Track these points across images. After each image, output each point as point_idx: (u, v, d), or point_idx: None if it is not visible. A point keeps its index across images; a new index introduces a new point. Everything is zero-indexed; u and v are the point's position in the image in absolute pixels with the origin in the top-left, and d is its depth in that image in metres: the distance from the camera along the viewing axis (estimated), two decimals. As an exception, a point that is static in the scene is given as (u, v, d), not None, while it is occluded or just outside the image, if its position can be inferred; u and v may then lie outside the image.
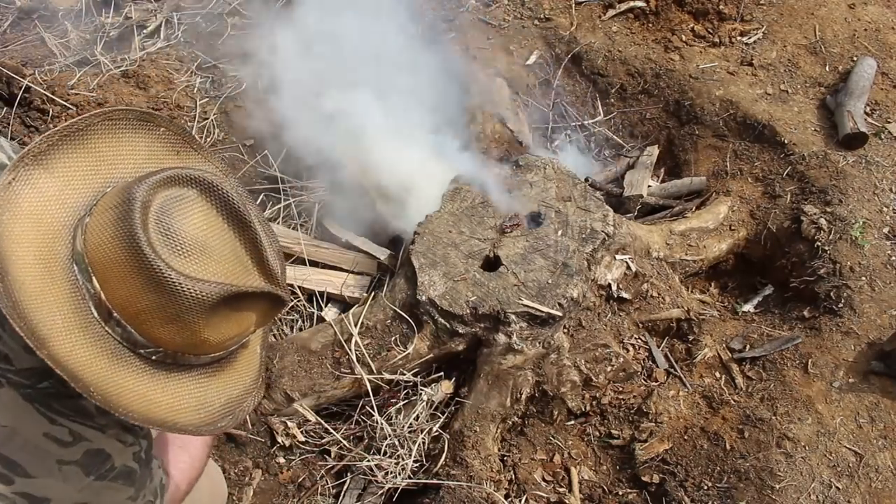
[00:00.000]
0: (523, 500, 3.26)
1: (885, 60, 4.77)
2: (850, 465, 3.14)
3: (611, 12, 5.27)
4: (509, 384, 3.42)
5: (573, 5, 5.34)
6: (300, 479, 3.44)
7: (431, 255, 3.53)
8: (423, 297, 3.40)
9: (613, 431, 3.47)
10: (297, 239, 4.25)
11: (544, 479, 3.36)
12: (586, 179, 4.08)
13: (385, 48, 4.09)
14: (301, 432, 3.47)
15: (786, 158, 4.27)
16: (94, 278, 1.48)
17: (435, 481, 3.25)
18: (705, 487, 3.15)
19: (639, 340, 3.73)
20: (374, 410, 3.43)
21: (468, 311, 3.35)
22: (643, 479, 3.27)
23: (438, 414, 3.54)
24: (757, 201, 4.20)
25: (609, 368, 3.52)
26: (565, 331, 3.46)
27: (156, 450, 1.93)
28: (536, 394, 3.47)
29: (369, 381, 3.43)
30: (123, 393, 1.47)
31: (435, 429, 3.44)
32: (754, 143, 4.43)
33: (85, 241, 1.49)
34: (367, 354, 3.44)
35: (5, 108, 4.30)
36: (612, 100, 5.01)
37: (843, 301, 3.64)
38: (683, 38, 5.07)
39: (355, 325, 3.49)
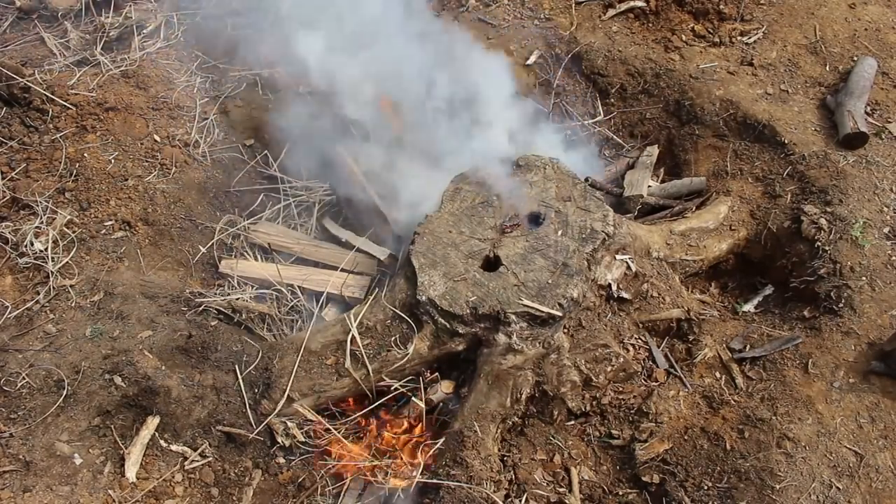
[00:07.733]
0: (523, 500, 3.26)
1: (885, 60, 4.76)
2: (851, 465, 3.14)
3: (611, 12, 5.27)
4: (509, 384, 3.42)
5: (573, 5, 5.34)
6: (300, 480, 3.44)
7: (431, 255, 3.53)
8: (423, 297, 3.40)
9: (613, 431, 3.47)
10: (298, 239, 4.26)
11: (544, 479, 3.36)
12: (586, 179, 4.07)
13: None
14: (301, 432, 3.47)
15: (786, 158, 4.26)
16: None
17: (435, 481, 3.25)
18: (705, 487, 3.15)
19: (639, 340, 3.73)
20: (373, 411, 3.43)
21: (468, 311, 3.35)
22: (643, 479, 3.26)
23: (438, 414, 3.54)
24: (757, 201, 4.20)
25: (609, 368, 3.52)
26: (565, 331, 3.46)
27: None
28: (536, 394, 3.47)
29: (369, 381, 3.44)
30: None
31: (434, 429, 3.44)
32: (754, 143, 4.42)
33: None
34: (366, 355, 3.44)
35: (5, 108, 4.29)
36: (612, 100, 5.01)
37: (843, 301, 3.63)
38: (683, 37, 5.07)
39: (355, 325, 3.49)
